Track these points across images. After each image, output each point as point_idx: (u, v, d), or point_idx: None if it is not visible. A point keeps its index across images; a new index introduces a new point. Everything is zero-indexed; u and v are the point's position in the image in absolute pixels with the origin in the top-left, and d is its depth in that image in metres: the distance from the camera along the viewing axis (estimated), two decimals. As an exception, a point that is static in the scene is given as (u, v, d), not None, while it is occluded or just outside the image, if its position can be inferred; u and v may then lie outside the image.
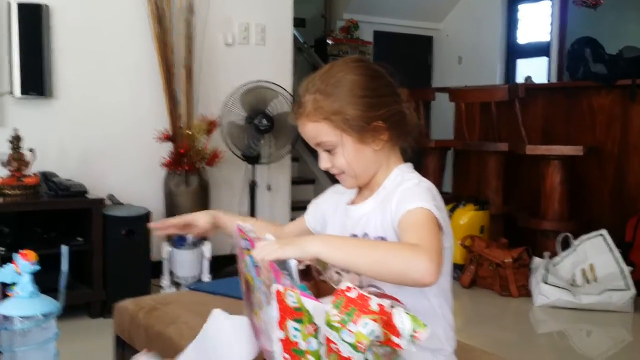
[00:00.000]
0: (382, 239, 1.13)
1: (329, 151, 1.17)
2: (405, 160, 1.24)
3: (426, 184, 1.15)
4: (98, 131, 3.47)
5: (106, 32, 3.48)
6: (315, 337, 0.88)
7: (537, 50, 6.81)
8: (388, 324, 0.84)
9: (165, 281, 3.34)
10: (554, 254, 3.60)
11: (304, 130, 1.18)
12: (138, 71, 3.56)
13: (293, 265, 0.99)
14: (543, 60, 6.74)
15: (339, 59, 1.22)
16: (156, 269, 3.32)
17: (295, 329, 0.90)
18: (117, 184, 3.46)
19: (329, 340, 0.86)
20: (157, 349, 1.54)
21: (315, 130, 1.16)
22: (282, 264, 0.98)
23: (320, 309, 0.86)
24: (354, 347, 0.83)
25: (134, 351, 1.67)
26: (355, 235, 1.19)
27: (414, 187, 1.12)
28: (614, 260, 3.38)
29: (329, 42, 6.59)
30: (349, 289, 0.85)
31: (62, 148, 3.36)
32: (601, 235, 3.47)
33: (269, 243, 1.00)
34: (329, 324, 0.84)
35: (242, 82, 3.57)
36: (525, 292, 3.50)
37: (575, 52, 4.14)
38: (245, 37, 3.87)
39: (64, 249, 1.14)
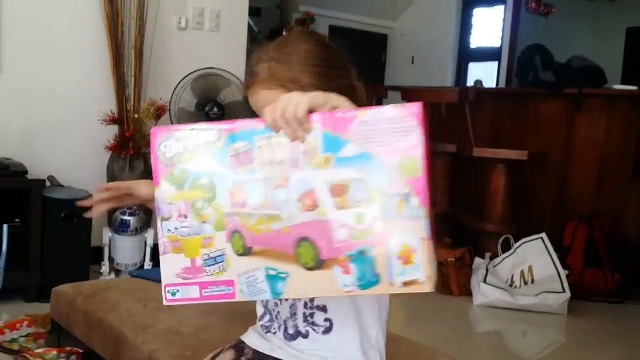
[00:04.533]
0: None
1: None
2: None
3: None
4: (42, 110, 3.35)
5: (55, 8, 3.35)
6: None
7: (488, 54, 6.94)
8: None
9: (105, 268, 3.25)
10: (495, 255, 3.67)
11: (256, 99, 1.13)
12: (86, 50, 3.44)
13: None
14: (493, 65, 6.87)
15: (292, 31, 1.20)
16: (96, 254, 3.23)
17: None
18: (59, 166, 3.34)
19: None
20: (97, 336, 1.49)
21: (269, 98, 1.08)
22: None
23: None
24: None
25: (71, 337, 1.62)
26: None
27: None
28: (551, 264, 3.47)
29: (285, 33, 6.55)
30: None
31: (3, 126, 3.22)
32: (541, 238, 3.55)
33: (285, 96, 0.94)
34: None
35: (193, 68, 3.51)
36: (466, 291, 3.56)
37: (525, 59, 4.23)
38: (199, 22, 3.80)
39: (5, 229, 1.09)
